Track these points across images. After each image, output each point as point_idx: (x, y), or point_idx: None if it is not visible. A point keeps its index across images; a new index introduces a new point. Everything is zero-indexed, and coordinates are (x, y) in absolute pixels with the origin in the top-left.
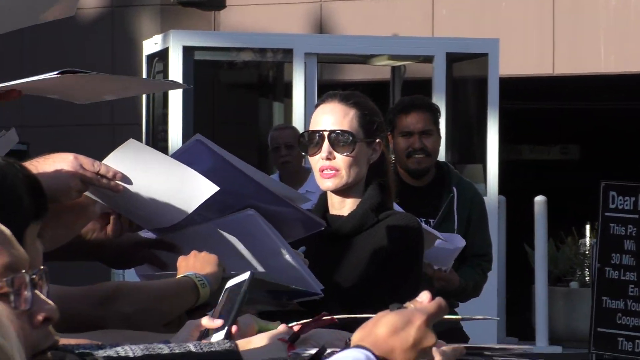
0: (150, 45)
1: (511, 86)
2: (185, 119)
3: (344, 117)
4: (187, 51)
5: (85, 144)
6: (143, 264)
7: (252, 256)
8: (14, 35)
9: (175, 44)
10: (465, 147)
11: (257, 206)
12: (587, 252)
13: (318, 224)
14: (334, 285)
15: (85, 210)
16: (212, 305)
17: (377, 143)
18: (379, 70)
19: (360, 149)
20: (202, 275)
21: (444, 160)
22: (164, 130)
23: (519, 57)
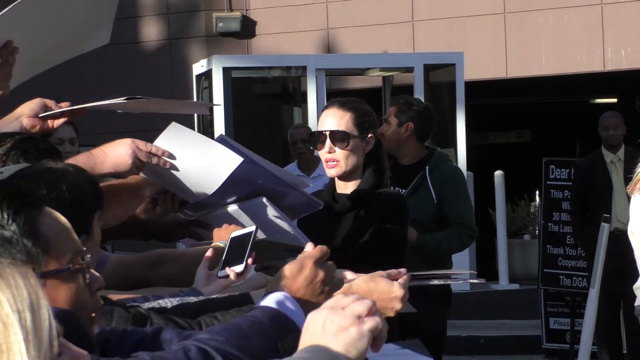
0: (198, 67)
1: (476, 88)
2: (227, 122)
3: (341, 119)
4: (226, 71)
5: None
6: (185, 238)
7: (268, 231)
8: (84, 63)
9: (217, 66)
10: (441, 136)
11: (269, 191)
12: (535, 212)
13: (317, 204)
14: (340, 250)
15: (138, 193)
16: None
17: (369, 137)
18: (373, 79)
19: (355, 144)
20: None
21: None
22: (212, 132)
23: (480, 65)
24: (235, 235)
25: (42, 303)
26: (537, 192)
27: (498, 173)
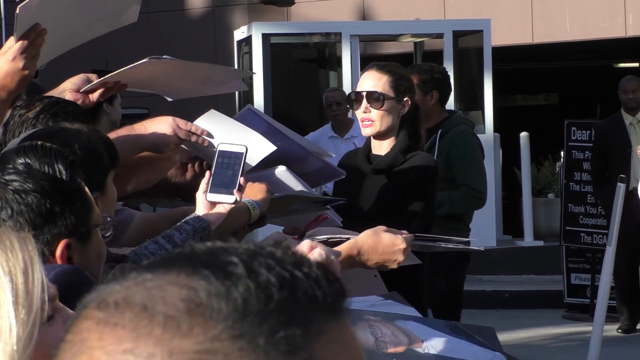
0: (239, 33)
1: (503, 53)
2: (266, 86)
3: (378, 81)
4: (265, 37)
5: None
6: None
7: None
8: (131, 31)
9: (256, 32)
10: (470, 98)
11: (290, 156)
12: (559, 172)
13: (339, 173)
14: (371, 209)
15: (170, 159)
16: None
17: (405, 101)
18: (405, 45)
19: (390, 105)
20: (253, 201)
21: (454, 108)
22: (251, 96)
23: (507, 31)
24: (225, 150)
25: (36, 267)
26: (561, 153)
27: (523, 134)
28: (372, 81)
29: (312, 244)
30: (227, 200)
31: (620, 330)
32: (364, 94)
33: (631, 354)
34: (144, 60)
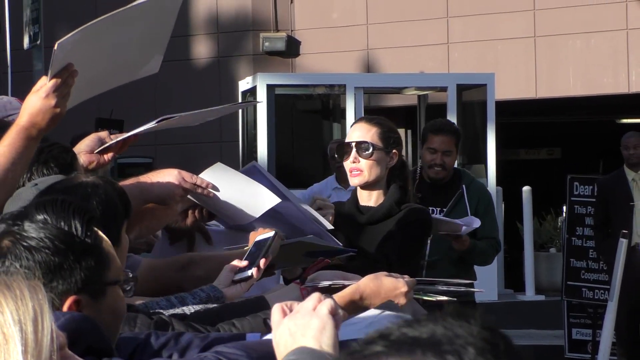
0: (244, 84)
1: (507, 107)
2: (270, 136)
3: (367, 132)
4: (270, 88)
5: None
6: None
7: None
8: (134, 81)
9: (261, 83)
10: (473, 151)
11: (292, 223)
12: (561, 226)
13: (336, 243)
14: (364, 257)
15: (171, 208)
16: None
17: (393, 153)
18: (409, 98)
19: (379, 156)
20: None
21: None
22: (255, 147)
23: (511, 86)
24: (260, 239)
25: (46, 316)
26: (564, 207)
27: (526, 188)
28: (361, 132)
29: (319, 296)
30: (243, 275)
31: None
32: (354, 144)
33: None
34: (153, 124)
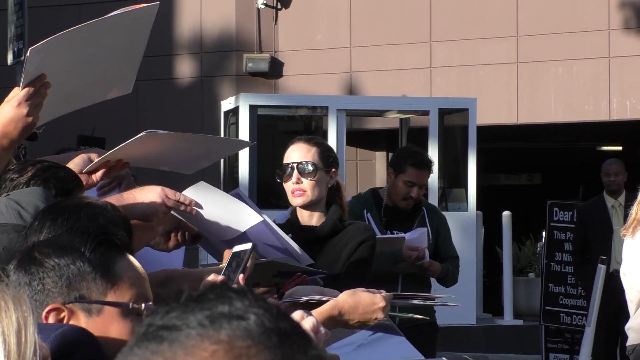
0: (226, 104)
1: (488, 132)
2: (251, 157)
3: (307, 153)
4: (252, 108)
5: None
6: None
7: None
8: (121, 96)
9: (244, 103)
10: (453, 176)
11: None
12: (541, 251)
13: (306, 259)
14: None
15: (152, 229)
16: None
17: (332, 172)
18: (391, 121)
19: (320, 176)
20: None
21: (438, 185)
22: (236, 167)
23: (492, 111)
24: (236, 250)
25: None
26: (543, 233)
27: (506, 213)
28: (301, 153)
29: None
30: None
31: None
32: (295, 165)
33: None
34: (141, 135)
